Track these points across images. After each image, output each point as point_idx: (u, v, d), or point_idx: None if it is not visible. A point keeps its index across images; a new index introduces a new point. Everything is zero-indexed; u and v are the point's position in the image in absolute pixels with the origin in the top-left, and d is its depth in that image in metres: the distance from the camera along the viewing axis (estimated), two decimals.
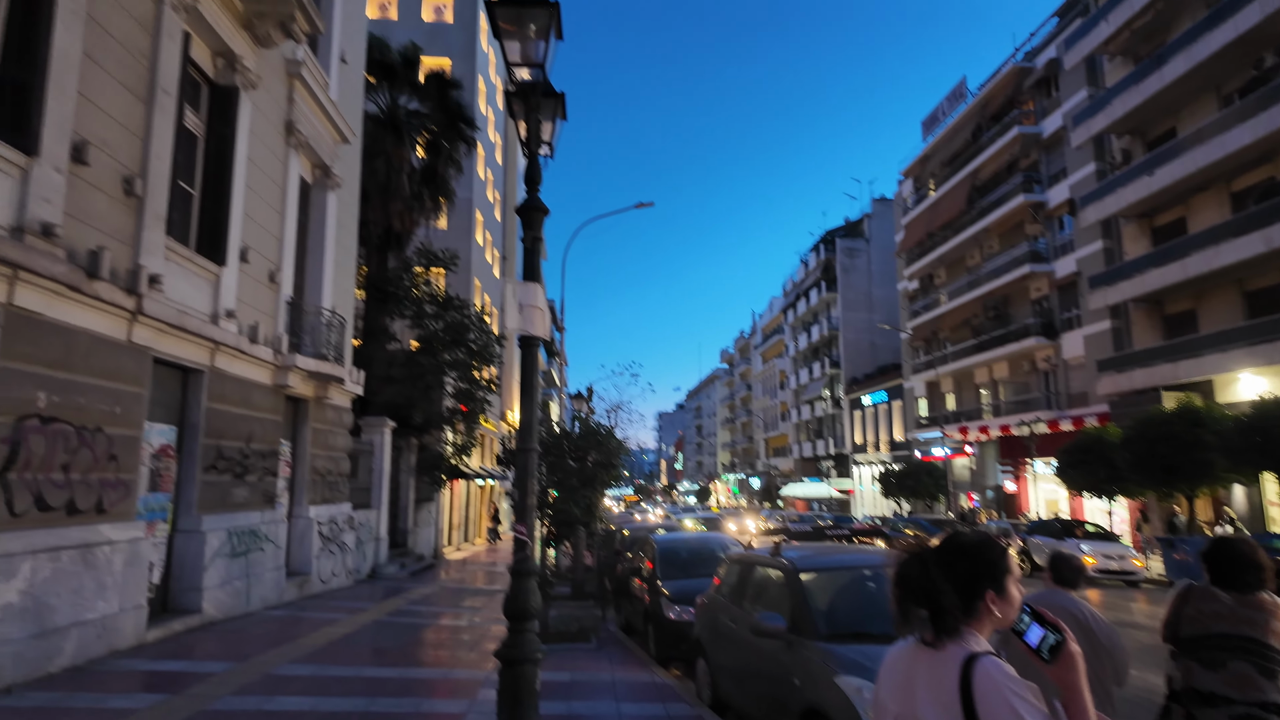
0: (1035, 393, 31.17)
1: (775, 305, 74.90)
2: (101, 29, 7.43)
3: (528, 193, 4.67)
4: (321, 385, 12.75)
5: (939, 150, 40.38)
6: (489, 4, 4.38)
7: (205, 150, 9.94)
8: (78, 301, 6.75)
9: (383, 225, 20.40)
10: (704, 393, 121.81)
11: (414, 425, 20.05)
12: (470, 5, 35.32)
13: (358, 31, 16.27)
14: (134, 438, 7.61)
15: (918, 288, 43.28)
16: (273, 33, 10.81)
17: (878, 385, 47.79)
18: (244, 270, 10.33)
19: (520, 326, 4.49)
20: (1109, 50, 26.40)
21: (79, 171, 6.92)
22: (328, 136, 13.87)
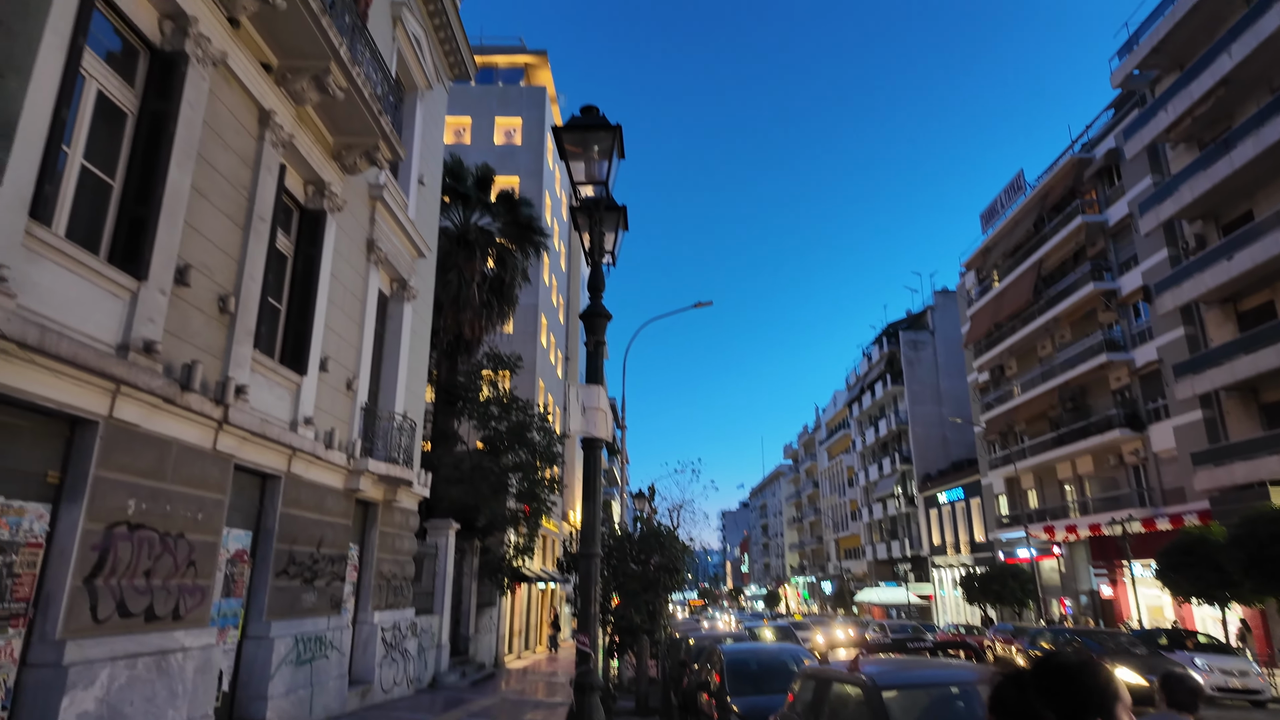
0: (1125, 488, 29.31)
1: (839, 399, 73.64)
2: (209, 165, 8.23)
3: (591, 300, 4.84)
4: (391, 488, 13.00)
5: (1000, 241, 40.09)
6: (555, 129, 4.69)
7: (293, 268, 10.67)
8: (170, 413, 7.17)
9: (453, 333, 21.27)
10: (768, 490, 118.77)
11: (477, 527, 20.09)
12: (537, 129, 37.85)
13: (435, 156, 17.52)
14: (213, 543, 7.85)
15: (988, 379, 42.04)
16: (358, 161, 11.76)
17: (953, 482, 45.79)
18: (323, 379, 10.83)
19: (583, 429, 4.55)
20: (1170, 138, 26.18)
21: (180, 292, 7.51)
22: (405, 252, 14.73)
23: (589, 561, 4.67)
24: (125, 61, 7.36)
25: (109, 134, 7.11)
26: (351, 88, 10.38)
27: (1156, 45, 26.24)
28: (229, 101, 8.69)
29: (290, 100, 9.93)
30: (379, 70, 11.85)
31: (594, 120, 4.55)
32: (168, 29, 7.68)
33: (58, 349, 5.67)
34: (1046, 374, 34.00)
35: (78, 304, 6.19)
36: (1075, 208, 32.63)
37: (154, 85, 7.51)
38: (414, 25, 15.30)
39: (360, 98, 10.61)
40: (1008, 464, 37.40)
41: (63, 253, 6.03)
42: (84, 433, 6.25)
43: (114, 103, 7.12)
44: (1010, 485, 38.73)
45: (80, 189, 6.67)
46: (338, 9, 10.22)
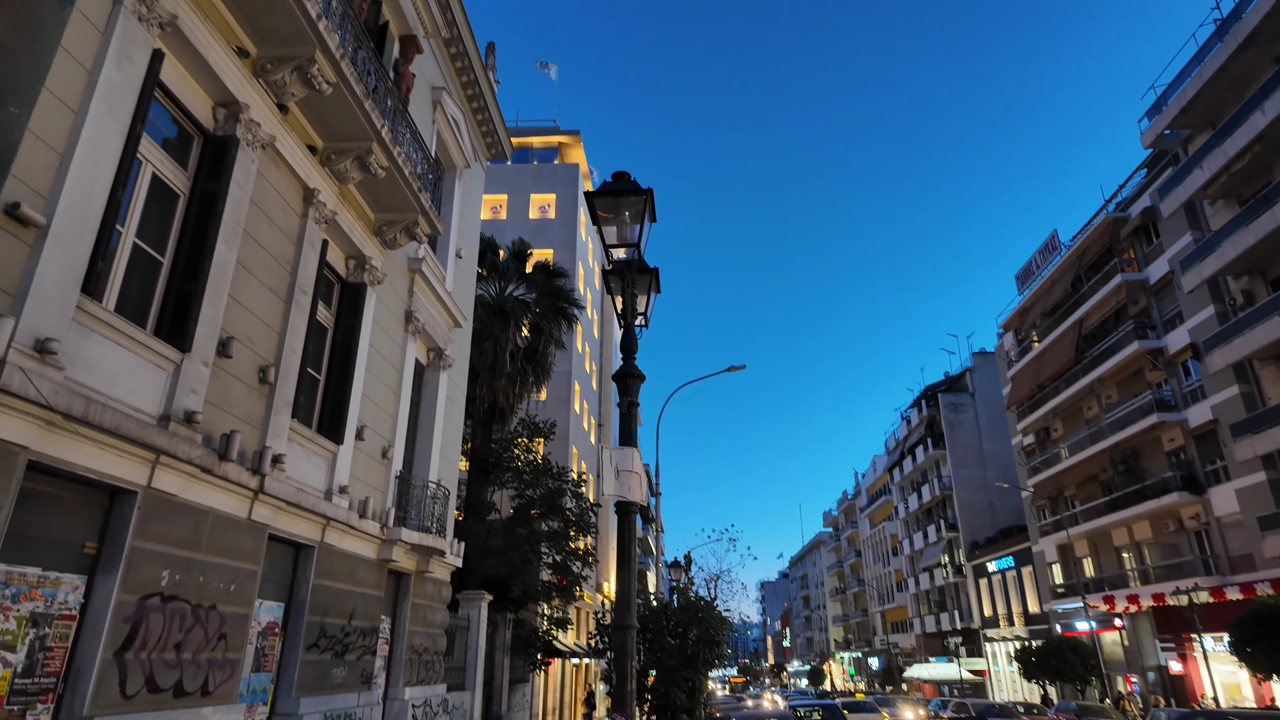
0: (1188, 555, 27.82)
1: (879, 464, 71.99)
2: (255, 241, 8.52)
3: (624, 360, 4.80)
4: (424, 558, 12.86)
5: (1037, 302, 39.56)
6: (588, 194, 4.76)
7: (333, 339, 10.89)
8: (207, 482, 7.23)
9: (488, 400, 21.41)
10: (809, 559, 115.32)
11: (510, 598, 19.71)
12: (571, 204, 38.97)
13: (472, 230, 18.01)
14: (244, 615, 7.77)
15: (1033, 442, 40.81)
16: (398, 236, 12.10)
17: (1002, 550, 43.98)
18: (359, 447, 10.89)
19: (617, 492, 4.44)
20: (1208, 195, 25.88)
21: (221, 364, 7.67)
22: (442, 322, 14.98)
23: (624, 634, 4.48)
24: (180, 146, 7.75)
25: (161, 213, 7.43)
26: (393, 166, 10.78)
27: (1186, 105, 26.26)
28: (275, 181, 9.06)
29: (334, 179, 10.33)
30: (419, 150, 12.31)
31: (625, 185, 4.61)
32: (220, 115, 8.10)
33: (101, 420, 5.78)
34: (1095, 436, 32.92)
35: (123, 376, 6.34)
36: (1114, 266, 32.20)
37: (205, 167, 7.88)
38: (453, 109, 15.96)
39: (401, 176, 11.00)
40: (1059, 530, 35.89)
41: (112, 326, 6.22)
42: (122, 503, 6.31)
43: (167, 184, 7.47)
44: (1063, 553, 37.05)
45: (131, 265, 6.93)
46: (380, 93, 10.71)
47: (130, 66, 6.50)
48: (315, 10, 8.18)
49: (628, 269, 5.00)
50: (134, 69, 6.54)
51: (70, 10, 5.97)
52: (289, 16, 8.09)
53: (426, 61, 14.57)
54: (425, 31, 14.17)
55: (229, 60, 7.88)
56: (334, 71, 8.87)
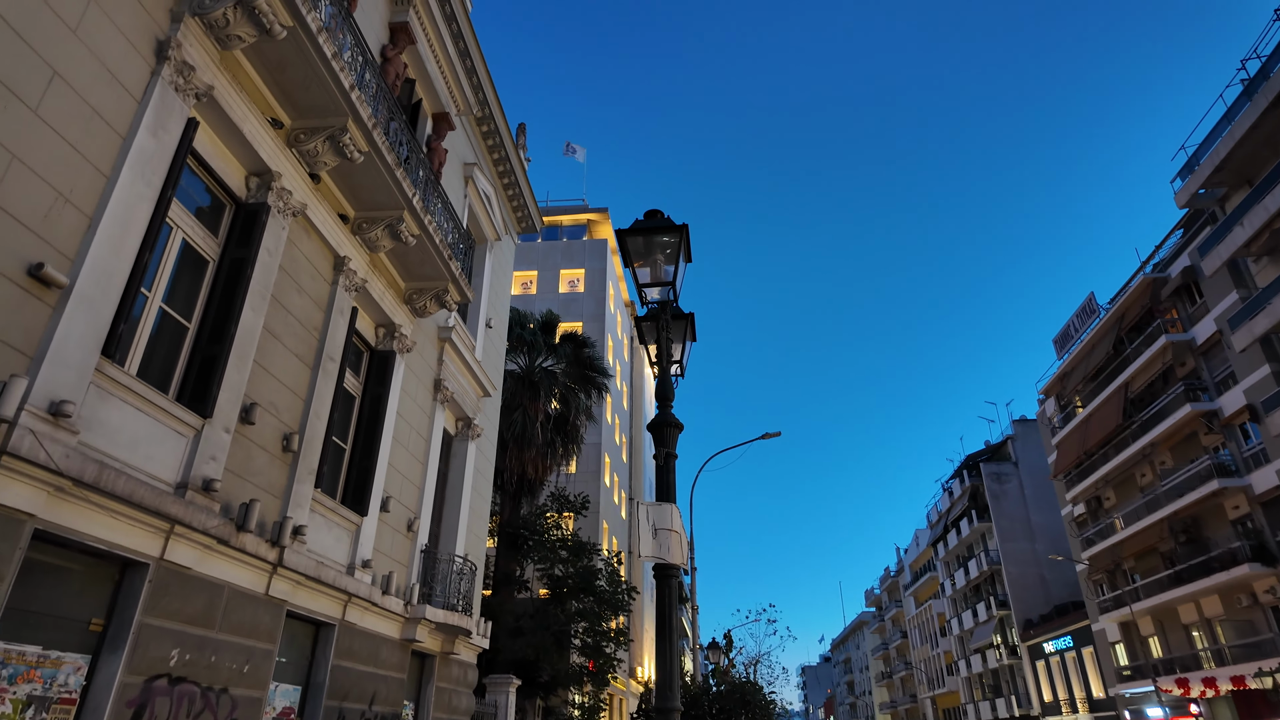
0: (1267, 633, 25.82)
1: (921, 539, 69.37)
2: (283, 308, 8.45)
3: (659, 409, 4.45)
4: (449, 639, 12.25)
5: (1078, 366, 38.53)
6: (619, 232, 4.53)
7: (360, 407, 10.70)
8: (223, 554, 6.89)
9: (517, 473, 21.01)
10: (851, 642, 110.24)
11: (540, 683, 18.77)
12: (599, 278, 39.44)
13: (502, 301, 18.05)
14: (258, 699, 7.29)
15: (1084, 512, 38.98)
16: (428, 304, 12.06)
17: (1059, 629, 41.48)
18: (383, 519, 10.53)
19: (655, 553, 4.01)
20: (1251, 252, 25.25)
21: (244, 430, 7.46)
22: (471, 392, 14.80)
23: (667, 719, 3.97)
24: (211, 213, 7.78)
25: (189, 279, 7.39)
26: (423, 234, 10.80)
27: (1220, 164, 25.97)
28: (306, 248, 9.06)
29: (365, 247, 10.35)
30: (450, 220, 12.40)
31: (658, 222, 4.37)
32: (253, 184, 8.17)
33: (114, 486, 5.53)
34: (1151, 504, 31.31)
35: (141, 442, 6.13)
36: (1157, 327, 31.33)
37: (236, 234, 7.88)
38: (484, 183, 16.24)
39: (431, 244, 11.01)
40: (1120, 607, 33.77)
41: (132, 390, 6.05)
42: (133, 576, 5.99)
43: (197, 250, 7.45)
44: (1126, 631, 34.75)
45: (157, 329, 6.83)
46: (412, 164, 10.85)
47: (165, 135, 6.55)
48: (348, 81, 8.32)
49: (662, 313, 4.71)
50: (168, 137, 6.60)
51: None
52: (323, 89, 8.23)
53: (458, 138, 14.90)
54: (457, 109, 14.54)
55: (263, 130, 7.98)
56: (366, 141, 8.97)
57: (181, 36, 6.65)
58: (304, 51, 7.73)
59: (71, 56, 5.68)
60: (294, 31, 7.41)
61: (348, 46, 8.80)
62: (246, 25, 7.06)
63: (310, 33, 7.48)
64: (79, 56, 5.75)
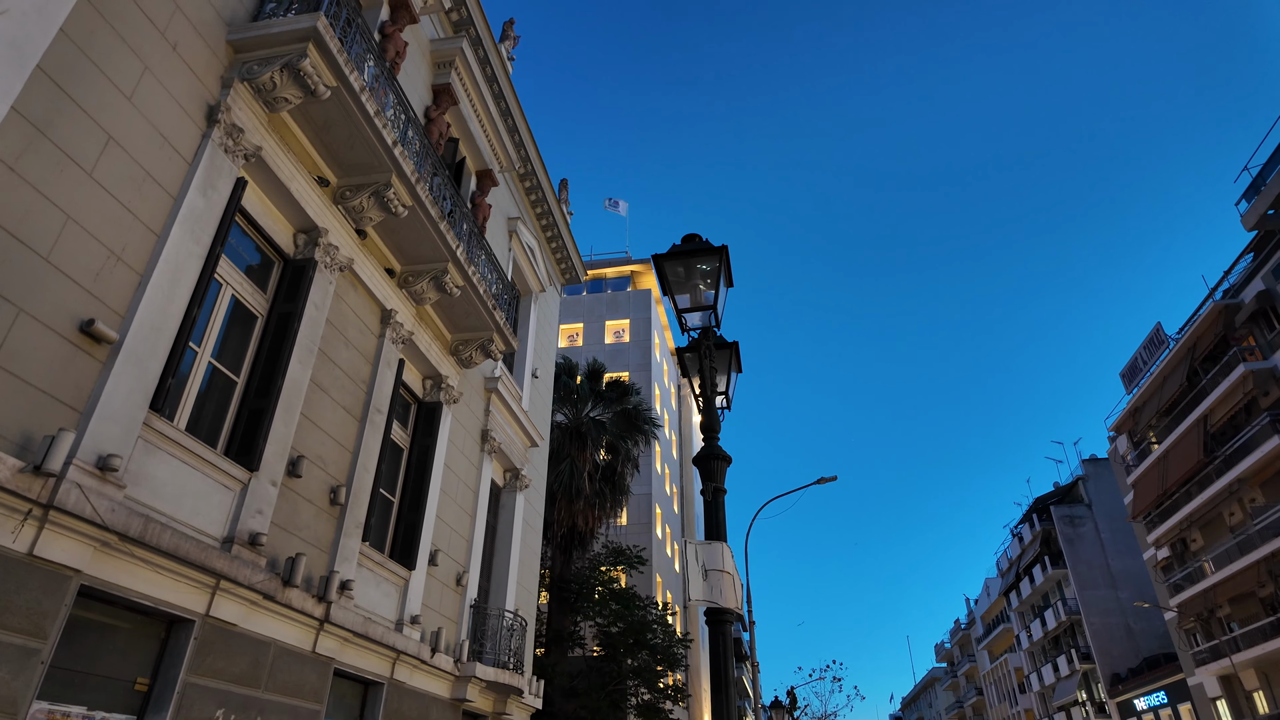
0: None
1: (992, 588, 66.01)
2: (330, 361, 8.51)
3: (705, 442, 4.20)
4: (500, 698, 11.88)
5: (1149, 400, 36.66)
6: (656, 258, 4.36)
7: (407, 459, 10.66)
8: (269, 611, 6.78)
9: (567, 524, 20.71)
10: (923, 699, 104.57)
11: None
12: (644, 327, 39.52)
13: (548, 351, 18.09)
14: None
15: (1169, 555, 36.54)
16: (474, 355, 12.09)
17: (1151, 684, 38.55)
18: (431, 574, 10.35)
19: (706, 596, 3.72)
20: None
21: (290, 484, 7.43)
22: (519, 442, 14.71)
23: None
24: (260, 269, 7.93)
25: (238, 334, 7.49)
26: (468, 285, 10.88)
27: None
28: (352, 302, 9.17)
29: (411, 300, 10.45)
30: (494, 271, 12.51)
31: (696, 245, 4.20)
32: (300, 241, 8.33)
33: (159, 541, 5.49)
34: (1244, 545, 29.17)
35: (188, 495, 6.12)
36: (1234, 356, 29.66)
37: (284, 289, 8.01)
38: (528, 236, 16.45)
39: (475, 294, 11.08)
40: (1219, 658, 31.23)
41: (179, 445, 6.07)
42: (178, 633, 5.90)
43: (245, 306, 7.57)
44: (1228, 685, 32.05)
45: (206, 384, 6.90)
46: (456, 218, 11.00)
47: (214, 194, 6.72)
48: (391, 138, 8.50)
49: (704, 341, 4.51)
50: (217, 196, 6.77)
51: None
52: (366, 146, 8.41)
53: (502, 194, 15.16)
54: (500, 166, 14.84)
55: (310, 188, 8.17)
56: (410, 195, 9.12)
57: (231, 100, 6.87)
58: (347, 110, 7.93)
59: (126, 121, 5.89)
60: (337, 91, 7.62)
61: (390, 105, 9.03)
62: (293, 88, 7.28)
63: (353, 91, 7.68)
64: (133, 121, 5.96)
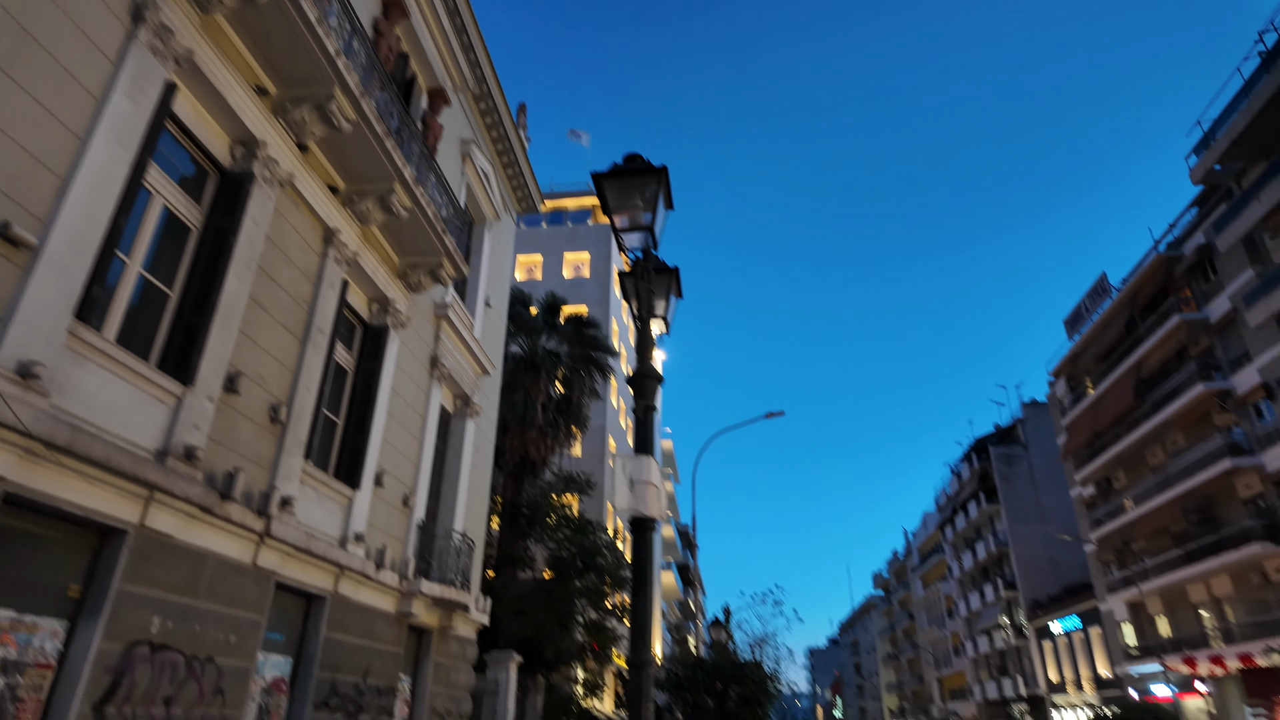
0: (1277, 611, 25.57)
1: (930, 522, 69.23)
2: (270, 279, 8.34)
3: (639, 361, 4.31)
4: (446, 614, 12.24)
5: (1089, 346, 38.11)
6: (595, 176, 4.36)
7: (353, 382, 10.62)
8: (208, 524, 6.83)
9: (519, 453, 20.95)
10: (859, 625, 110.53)
11: (543, 661, 18.80)
12: (604, 262, 39.23)
13: (502, 281, 17.91)
14: (245, 669, 7.25)
15: (1094, 493, 38.71)
16: (423, 279, 11.93)
17: (1066, 609, 41.33)
18: (377, 494, 10.47)
19: (631, 506, 3.91)
20: (1268, 228, 24.80)
21: (229, 400, 7.38)
22: (470, 370, 14.71)
23: (640, 673, 3.87)
24: (194, 181, 7.66)
25: (171, 247, 7.28)
26: (416, 208, 10.66)
27: (1237, 138, 25.45)
28: (294, 220, 8.94)
29: (356, 220, 10.22)
30: (445, 195, 12.25)
31: (637, 165, 4.21)
32: (238, 153, 8.03)
33: (89, 451, 5.45)
34: (1162, 484, 31.01)
35: (119, 408, 6.05)
36: (1170, 305, 30.88)
37: (220, 203, 7.76)
38: (482, 161, 16.04)
39: (424, 217, 10.87)
40: (1129, 586, 33.59)
41: (109, 356, 5.96)
42: (112, 543, 5.93)
43: (179, 218, 7.34)
44: (1135, 611, 34.58)
45: (136, 296, 6.73)
46: (405, 137, 10.68)
47: (141, 98, 6.42)
48: (334, 47, 8.16)
49: (645, 267, 4.56)
50: (145, 101, 6.46)
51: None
52: (308, 56, 8.06)
53: (455, 115, 14.70)
54: (453, 85, 14.34)
55: (248, 99, 7.84)
56: (353, 109, 8.81)
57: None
58: (286, 16, 7.56)
59: (43, 17, 5.55)
60: None
61: (334, 13, 8.63)
62: None
63: None
64: (51, 17, 5.62)
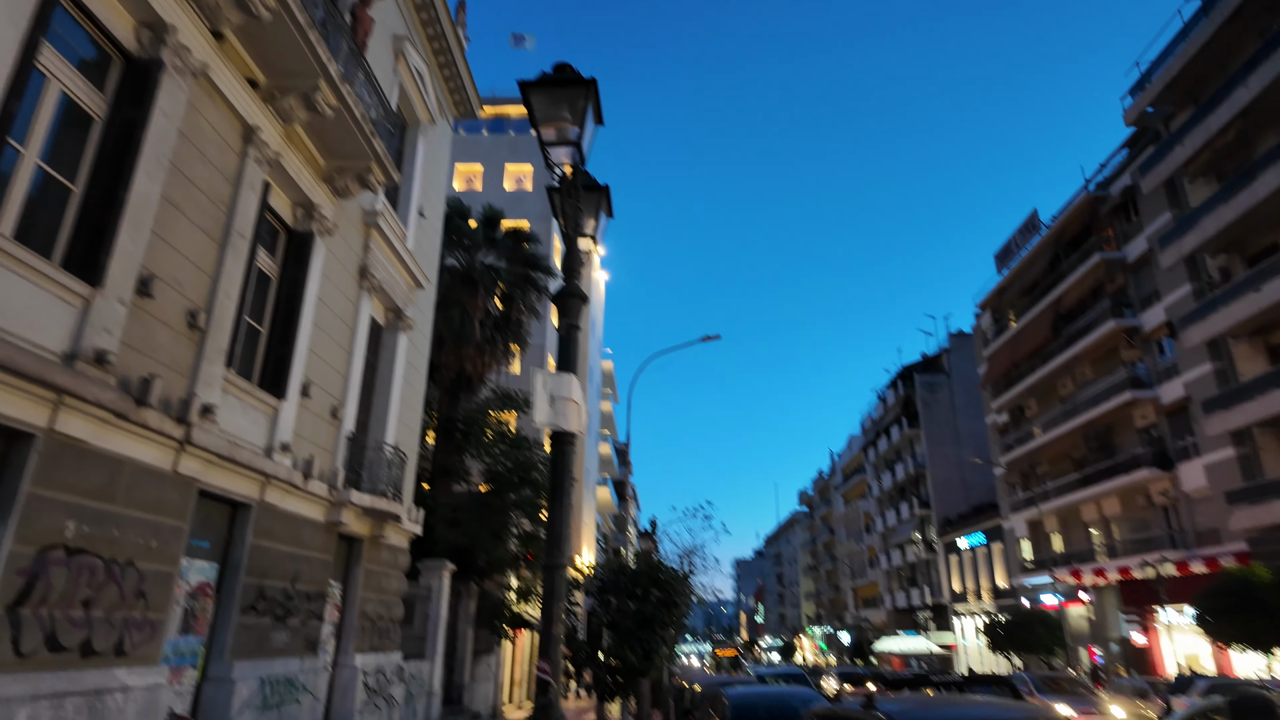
0: (1155, 530, 28.06)
1: (855, 444, 72.37)
2: (184, 177, 7.89)
3: (564, 280, 4.33)
4: (378, 523, 12.38)
5: (1016, 281, 39.54)
6: (521, 85, 4.23)
7: (277, 290, 10.29)
8: (123, 429, 6.68)
9: (455, 369, 20.83)
10: (783, 538, 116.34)
11: (476, 569, 19.31)
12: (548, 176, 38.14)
13: (437, 189, 17.33)
14: (168, 574, 7.26)
15: (1007, 420, 41.00)
16: (350, 185, 11.46)
17: (974, 526, 44.35)
18: (304, 404, 10.34)
19: (551, 421, 4.00)
20: (1188, 172, 25.76)
21: (142, 304, 7.08)
22: (402, 281, 14.38)
23: (554, 574, 4.08)
24: (97, 67, 7.09)
25: (72, 137, 6.80)
26: (342, 107, 10.13)
27: (1170, 82, 26.02)
28: (210, 115, 8.41)
29: (277, 118, 9.67)
30: (375, 95, 11.65)
31: (566, 76, 4.09)
32: (145, 38, 7.43)
33: None
34: (1068, 413, 33.04)
35: (20, 309, 5.76)
36: (1093, 244, 32.12)
37: (127, 92, 7.23)
38: (416, 60, 15.22)
39: (351, 117, 10.36)
40: (1030, 506, 36.17)
41: (6, 253, 5.63)
42: (19, 446, 5.76)
43: (81, 107, 6.83)
44: (1033, 529, 37.38)
45: (34, 190, 6.31)
46: (330, 29, 10.04)
47: None
48: None
49: (572, 184, 4.51)
50: None
51: None
52: None
53: (388, 8, 13.84)
54: None
55: None
56: None
57: None
58: None
59: None
60: None
61: None
62: None
63: None
64: None
